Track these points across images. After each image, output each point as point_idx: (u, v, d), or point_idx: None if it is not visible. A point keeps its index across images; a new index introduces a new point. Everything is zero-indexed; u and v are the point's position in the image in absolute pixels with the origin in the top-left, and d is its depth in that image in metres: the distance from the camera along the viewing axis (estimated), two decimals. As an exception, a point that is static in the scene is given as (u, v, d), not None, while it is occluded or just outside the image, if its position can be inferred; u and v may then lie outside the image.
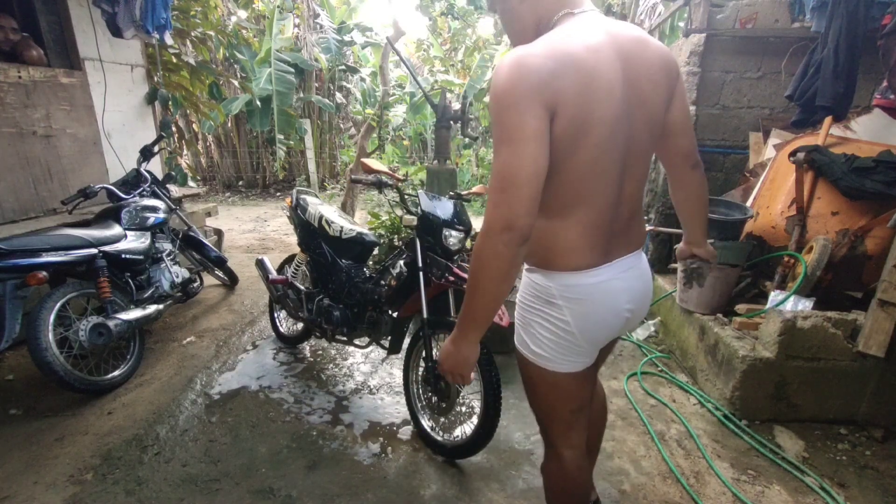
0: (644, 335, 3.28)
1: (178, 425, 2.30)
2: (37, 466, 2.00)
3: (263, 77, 7.73)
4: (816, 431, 2.33)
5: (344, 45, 8.88)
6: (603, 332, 1.19)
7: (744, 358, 2.31)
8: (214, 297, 3.91)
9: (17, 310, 2.34)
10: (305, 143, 8.04)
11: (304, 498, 1.88)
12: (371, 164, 2.20)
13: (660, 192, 3.62)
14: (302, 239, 2.84)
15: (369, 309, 2.50)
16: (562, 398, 1.26)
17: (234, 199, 8.87)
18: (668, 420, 2.41)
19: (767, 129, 3.43)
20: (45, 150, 3.48)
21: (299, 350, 3.09)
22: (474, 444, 1.99)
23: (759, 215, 2.93)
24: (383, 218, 4.29)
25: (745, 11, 3.36)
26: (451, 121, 4.48)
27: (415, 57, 11.23)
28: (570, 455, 1.30)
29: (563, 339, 1.16)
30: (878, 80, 3.00)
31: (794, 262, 2.64)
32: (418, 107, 9.07)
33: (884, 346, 2.14)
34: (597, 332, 1.17)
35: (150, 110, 4.47)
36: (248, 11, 8.46)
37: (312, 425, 2.32)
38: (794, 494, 1.95)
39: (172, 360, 2.89)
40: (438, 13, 9.01)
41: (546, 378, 1.23)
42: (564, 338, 1.16)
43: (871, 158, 2.49)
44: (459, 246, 2.19)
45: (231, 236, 5.96)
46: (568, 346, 1.17)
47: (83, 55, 3.75)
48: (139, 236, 2.94)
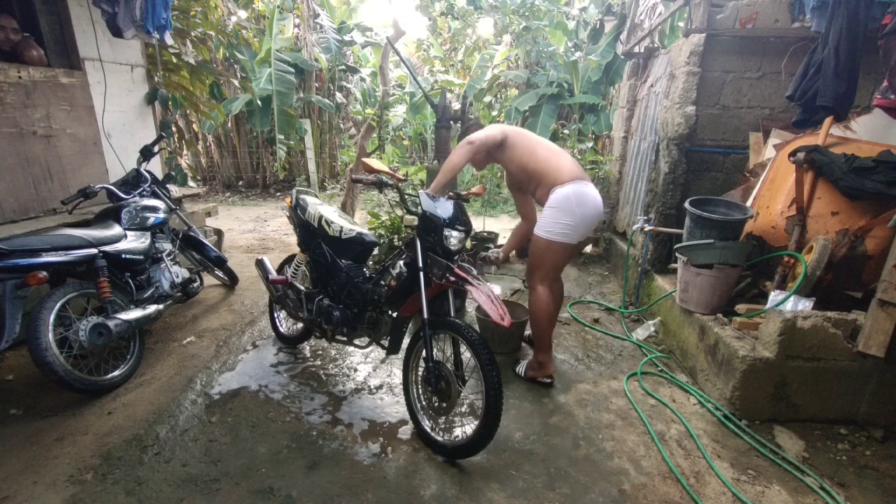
0: (644, 335, 3.28)
1: (178, 425, 2.30)
2: (37, 466, 2.00)
3: (263, 77, 7.74)
4: (816, 431, 2.33)
5: (344, 45, 8.88)
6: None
7: (744, 358, 2.31)
8: (214, 297, 3.91)
9: (17, 310, 2.34)
10: (305, 143, 8.06)
11: (304, 498, 1.88)
12: (372, 163, 2.20)
13: (660, 192, 3.62)
14: (302, 239, 2.84)
15: (369, 309, 2.49)
16: (557, 259, 2.58)
17: (234, 199, 8.87)
18: (668, 420, 2.41)
19: (767, 129, 3.43)
20: (45, 150, 3.48)
21: (299, 350, 3.09)
22: (475, 443, 1.99)
23: (759, 215, 2.93)
24: (383, 218, 4.29)
25: (745, 11, 3.36)
26: (451, 121, 4.48)
27: (415, 57, 11.23)
28: (547, 289, 2.59)
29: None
30: (878, 80, 3.00)
31: (794, 262, 2.64)
32: (418, 107, 9.08)
33: (884, 346, 2.14)
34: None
35: (150, 110, 4.47)
36: (248, 11, 8.47)
37: (312, 425, 2.32)
38: (794, 494, 1.95)
39: (172, 360, 2.89)
40: (438, 13, 9.01)
41: (555, 248, 2.51)
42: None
43: (871, 158, 2.48)
44: (460, 246, 2.18)
45: (231, 236, 5.96)
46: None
47: (83, 55, 3.75)
48: (139, 236, 2.94)
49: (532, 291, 2.62)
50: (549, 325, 2.62)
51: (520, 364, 2.79)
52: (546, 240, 2.50)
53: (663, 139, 3.59)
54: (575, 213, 2.44)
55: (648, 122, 4.10)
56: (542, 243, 2.53)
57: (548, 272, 2.59)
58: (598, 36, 7.93)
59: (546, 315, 2.60)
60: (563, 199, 2.45)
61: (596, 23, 7.96)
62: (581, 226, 2.48)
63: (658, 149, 3.70)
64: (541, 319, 2.60)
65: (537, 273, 2.59)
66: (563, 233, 2.47)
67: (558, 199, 2.46)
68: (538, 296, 2.59)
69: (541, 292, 2.58)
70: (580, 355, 3.07)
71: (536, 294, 2.59)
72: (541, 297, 2.58)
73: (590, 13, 8.30)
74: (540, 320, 2.61)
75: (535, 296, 2.60)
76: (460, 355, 2.10)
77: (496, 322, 1.90)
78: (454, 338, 2.11)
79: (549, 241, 2.50)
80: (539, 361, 2.68)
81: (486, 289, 1.98)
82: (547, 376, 2.68)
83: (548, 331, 2.62)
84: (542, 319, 2.60)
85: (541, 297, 2.58)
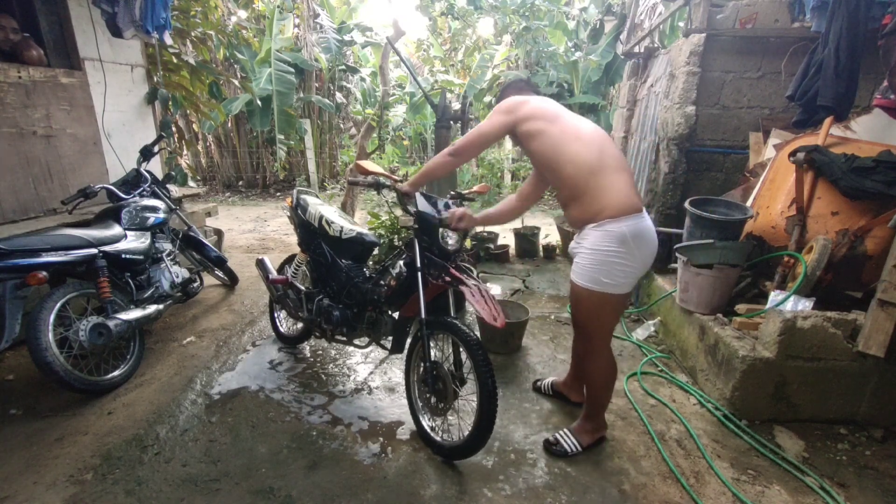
0: (644, 335, 3.28)
1: (178, 425, 2.30)
2: (37, 466, 2.00)
3: (263, 77, 7.74)
4: (816, 431, 2.33)
5: (344, 45, 8.88)
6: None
7: (744, 358, 2.31)
8: (214, 297, 3.91)
9: (17, 310, 2.34)
10: (305, 143, 8.05)
11: (304, 498, 1.88)
12: (367, 166, 2.20)
13: (660, 192, 3.62)
14: (302, 239, 2.84)
15: (369, 309, 2.49)
16: (615, 314, 2.03)
17: (234, 199, 8.87)
18: (668, 420, 2.41)
19: (767, 129, 3.43)
20: (45, 150, 3.48)
21: (299, 350, 3.09)
22: (470, 445, 1.98)
23: (759, 215, 2.93)
24: (383, 218, 4.30)
25: (745, 11, 3.36)
26: (451, 121, 4.48)
27: (415, 57, 11.23)
28: (610, 353, 2.11)
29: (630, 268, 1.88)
30: (878, 80, 2.99)
31: (794, 262, 2.64)
32: (418, 107, 9.07)
33: (884, 346, 2.14)
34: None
35: (150, 110, 4.47)
36: (248, 11, 8.47)
37: (312, 425, 2.32)
38: (794, 494, 1.95)
39: (172, 360, 2.89)
40: (438, 13, 9.01)
41: (613, 301, 1.92)
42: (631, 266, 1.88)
43: (871, 158, 2.48)
44: (457, 246, 2.18)
45: (231, 236, 5.97)
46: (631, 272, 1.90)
47: (83, 55, 3.75)
48: (139, 236, 2.94)
49: (594, 357, 2.06)
50: (610, 390, 2.14)
51: (563, 440, 2.17)
52: (601, 293, 1.88)
53: (663, 139, 3.59)
54: (635, 257, 1.85)
55: (648, 122, 4.10)
56: (595, 298, 1.90)
57: (609, 331, 2.06)
58: (598, 36, 7.93)
59: (610, 381, 2.12)
60: (616, 240, 1.82)
61: (596, 23, 7.96)
62: (640, 269, 1.92)
63: (658, 149, 3.70)
64: (603, 388, 2.11)
65: (597, 335, 2.03)
66: (619, 281, 1.87)
67: (608, 239, 1.82)
68: (603, 362, 2.07)
69: (606, 357, 2.07)
70: (580, 355, 3.07)
71: (599, 359, 2.06)
72: (606, 362, 2.08)
73: (590, 13, 8.30)
74: (602, 388, 2.11)
75: (598, 362, 2.06)
76: (460, 356, 2.10)
77: (490, 324, 1.90)
78: (453, 338, 2.11)
79: (604, 295, 1.88)
80: (596, 426, 2.20)
81: (481, 289, 1.98)
82: (603, 434, 2.25)
83: (608, 397, 2.16)
84: (604, 387, 2.12)
85: (603, 362, 2.07)
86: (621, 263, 1.84)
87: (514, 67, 9.23)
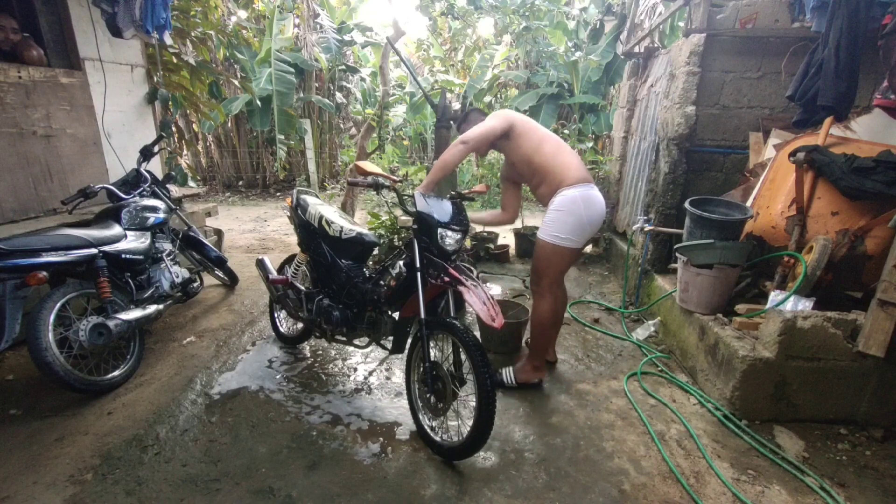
0: (644, 335, 3.28)
1: (178, 425, 2.30)
2: (37, 466, 2.00)
3: (263, 77, 7.74)
4: (816, 431, 2.33)
5: (344, 45, 8.88)
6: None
7: (744, 358, 2.31)
8: (214, 297, 3.91)
9: (17, 310, 2.34)
10: (305, 143, 8.04)
11: (304, 498, 1.88)
12: (366, 166, 2.20)
13: (660, 192, 3.62)
14: (302, 239, 2.84)
15: (369, 309, 2.49)
16: (564, 264, 2.54)
17: (234, 199, 8.87)
18: (668, 420, 2.41)
19: (767, 129, 3.42)
20: (45, 150, 3.48)
21: (299, 350, 3.09)
22: (469, 446, 1.98)
23: (759, 215, 2.93)
24: (383, 218, 4.30)
25: (745, 11, 3.36)
26: (451, 121, 4.48)
27: (415, 57, 11.23)
28: (552, 298, 2.56)
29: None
30: (878, 80, 2.99)
31: (794, 262, 2.64)
32: (418, 107, 9.07)
33: (884, 346, 2.14)
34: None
35: (150, 110, 4.47)
36: (248, 11, 8.46)
37: (312, 425, 2.32)
38: (794, 494, 1.95)
39: (172, 360, 2.89)
40: (438, 13, 9.01)
41: (563, 252, 2.46)
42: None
43: (871, 158, 2.48)
44: (456, 246, 2.18)
45: (231, 236, 5.96)
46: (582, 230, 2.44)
47: (83, 55, 3.75)
48: (139, 236, 2.94)
49: (538, 298, 2.58)
50: (553, 331, 2.64)
51: (504, 372, 2.66)
52: (553, 245, 2.45)
53: (663, 139, 3.59)
54: (582, 217, 2.40)
55: (648, 122, 4.10)
56: (548, 248, 2.47)
57: (555, 278, 2.56)
58: (598, 36, 7.93)
59: (551, 322, 2.60)
60: (570, 202, 2.39)
61: (596, 23, 7.96)
62: (588, 229, 2.46)
63: (658, 149, 3.70)
64: (545, 326, 2.58)
65: (544, 279, 2.55)
66: (570, 237, 2.43)
67: (565, 202, 2.40)
68: (545, 303, 2.56)
69: (548, 299, 2.55)
70: (580, 355, 3.07)
71: (543, 301, 2.56)
72: (547, 303, 2.55)
73: (590, 13, 8.30)
74: (544, 327, 2.58)
75: (542, 302, 2.56)
76: (459, 356, 2.10)
77: (489, 324, 1.90)
78: (453, 339, 2.11)
79: (555, 246, 2.45)
80: (534, 366, 2.64)
81: (480, 289, 1.98)
82: (540, 378, 2.67)
83: (551, 337, 2.62)
84: (547, 326, 2.59)
85: (547, 304, 2.55)
86: (573, 221, 2.40)
87: (514, 67, 9.23)
